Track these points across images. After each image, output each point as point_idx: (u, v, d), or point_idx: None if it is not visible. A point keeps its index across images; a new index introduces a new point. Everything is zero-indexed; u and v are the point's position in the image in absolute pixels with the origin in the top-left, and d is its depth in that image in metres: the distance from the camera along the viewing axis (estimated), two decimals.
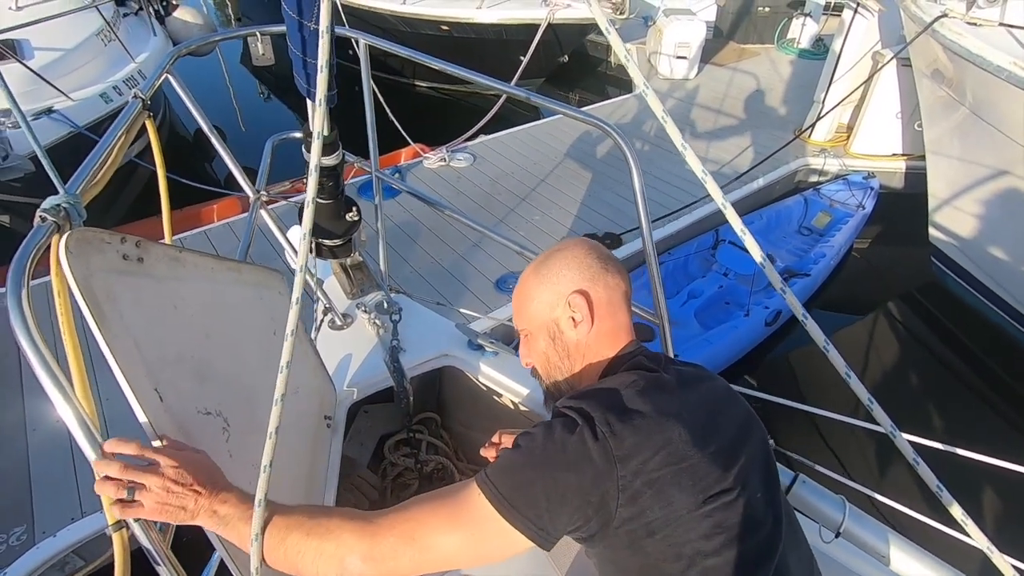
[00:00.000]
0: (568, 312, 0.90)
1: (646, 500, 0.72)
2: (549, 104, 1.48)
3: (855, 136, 5.17)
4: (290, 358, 0.85)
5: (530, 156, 5.44)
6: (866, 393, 0.90)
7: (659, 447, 0.74)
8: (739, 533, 0.75)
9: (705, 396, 0.87)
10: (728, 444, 0.80)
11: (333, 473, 1.40)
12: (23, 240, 0.86)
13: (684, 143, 0.91)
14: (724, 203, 0.93)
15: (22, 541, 2.21)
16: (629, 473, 0.72)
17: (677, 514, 0.72)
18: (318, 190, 1.56)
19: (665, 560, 0.74)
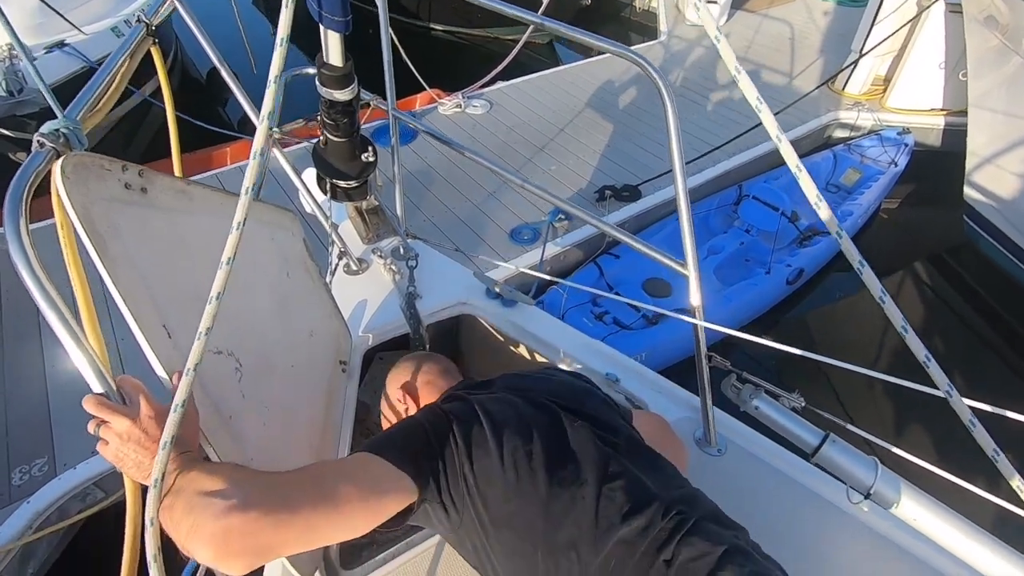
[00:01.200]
0: (403, 405, 1.15)
1: (477, 451, 0.86)
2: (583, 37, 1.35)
3: (892, 89, 4.89)
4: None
5: (548, 104, 5.24)
6: (923, 350, 0.84)
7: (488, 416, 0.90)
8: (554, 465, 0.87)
9: (526, 379, 1.09)
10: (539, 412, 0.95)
11: (348, 417, 1.38)
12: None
13: (738, 67, 0.82)
14: (779, 136, 0.84)
15: (44, 472, 2.26)
16: (461, 435, 0.88)
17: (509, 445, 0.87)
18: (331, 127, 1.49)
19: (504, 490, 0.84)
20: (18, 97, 3.85)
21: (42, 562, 2.19)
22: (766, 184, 4.31)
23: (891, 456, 1.30)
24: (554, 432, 0.91)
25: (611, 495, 0.84)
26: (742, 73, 0.81)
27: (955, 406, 0.84)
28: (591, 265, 3.71)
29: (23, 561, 2.12)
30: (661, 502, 0.84)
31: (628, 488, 0.85)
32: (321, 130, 1.52)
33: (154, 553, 0.72)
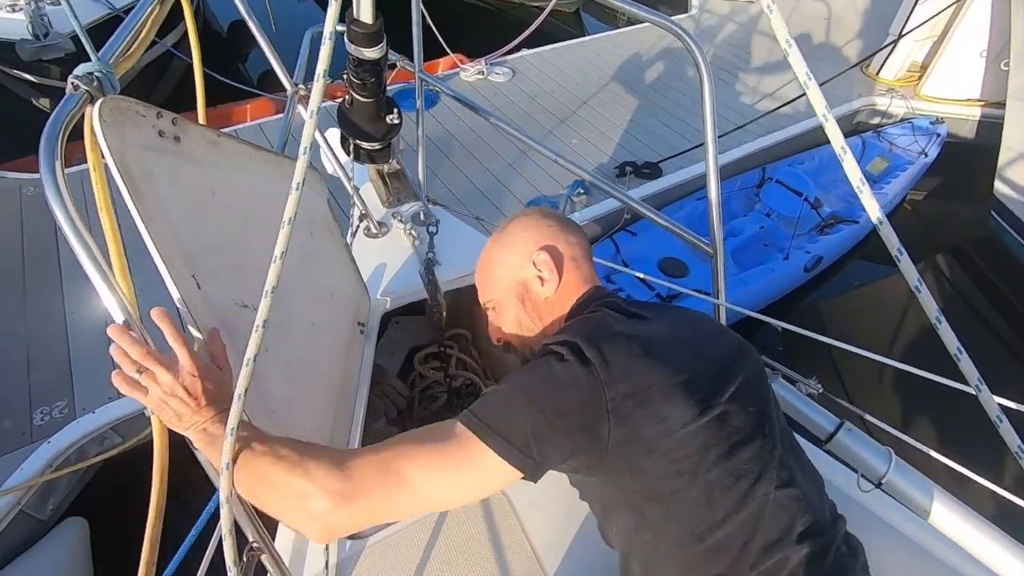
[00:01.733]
0: (534, 271, 0.92)
1: (638, 418, 0.71)
2: (618, 2, 1.31)
3: (929, 76, 4.73)
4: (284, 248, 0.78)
5: (572, 75, 5.13)
6: (955, 342, 0.82)
7: (645, 368, 0.73)
8: (734, 444, 0.73)
9: (689, 321, 0.89)
10: (718, 362, 0.80)
11: (365, 377, 1.39)
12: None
13: (789, 39, 0.79)
14: (826, 114, 0.81)
15: (64, 415, 2.33)
16: (618, 395, 0.71)
17: (672, 429, 0.71)
18: (358, 86, 1.47)
19: (666, 477, 0.72)
20: (44, 41, 3.83)
21: (61, 500, 2.27)
22: (791, 168, 4.23)
23: (907, 448, 1.30)
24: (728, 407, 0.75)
25: (781, 506, 0.74)
26: (793, 46, 0.78)
27: (984, 401, 0.83)
28: (607, 241, 3.69)
29: (43, 498, 2.20)
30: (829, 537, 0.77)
31: (796, 504, 0.76)
32: (348, 89, 1.50)
33: (229, 527, 0.77)
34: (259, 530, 0.87)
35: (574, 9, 7.35)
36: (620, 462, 0.72)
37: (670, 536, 0.74)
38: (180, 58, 4.23)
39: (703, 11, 6.40)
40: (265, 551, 0.89)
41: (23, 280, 2.92)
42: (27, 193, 3.45)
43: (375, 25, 1.33)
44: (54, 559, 2.18)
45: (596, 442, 0.71)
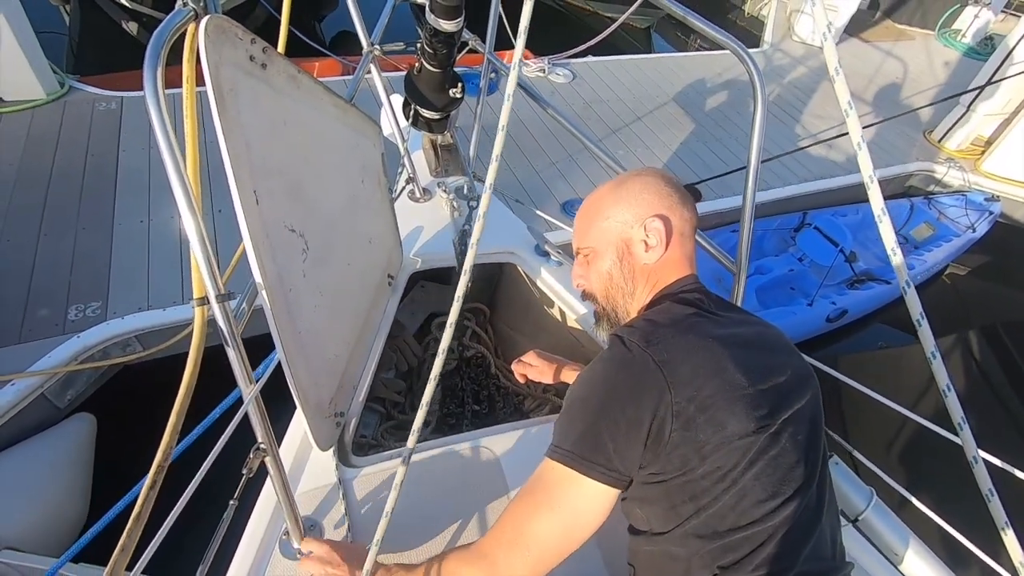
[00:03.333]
0: (642, 235, 0.90)
1: (699, 424, 0.72)
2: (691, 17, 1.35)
3: (991, 152, 4.64)
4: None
5: (631, 89, 5.17)
6: (960, 412, 0.86)
7: (713, 374, 0.74)
8: (779, 464, 0.76)
9: (762, 336, 0.87)
10: (782, 385, 0.80)
11: (385, 327, 1.47)
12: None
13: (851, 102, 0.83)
14: (872, 177, 0.84)
15: (96, 315, 2.47)
16: (683, 399, 0.72)
17: (728, 439, 0.73)
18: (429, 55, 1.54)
19: (710, 481, 0.74)
20: None
21: (79, 393, 2.41)
22: (832, 217, 4.20)
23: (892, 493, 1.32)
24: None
25: (802, 530, 0.77)
26: (852, 110, 0.82)
27: (978, 475, 0.87)
28: None
29: (64, 387, 2.34)
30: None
31: (812, 531, 0.79)
32: (419, 57, 1.58)
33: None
34: (268, 434, 0.94)
35: (646, 26, 7.37)
36: (675, 461, 0.74)
37: (690, 527, 0.76)
38: (264, 7, 4.39)
39: (776, 49, 6.37)
40: (269, 455, 0.96)
41: (81, 187, 3.09)
42: (99, 108, 3.64)
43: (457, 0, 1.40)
44: (62, 446, 2.31)
45: (660, 441, 0.73)
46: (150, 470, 0.85)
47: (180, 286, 2.63)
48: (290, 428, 1.20)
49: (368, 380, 1.36)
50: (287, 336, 0.99)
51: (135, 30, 4.92)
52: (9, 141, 3.31)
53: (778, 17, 6.89)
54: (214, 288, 0.86)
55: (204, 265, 0.84)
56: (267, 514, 1.07)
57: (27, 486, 2.17)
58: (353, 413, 1.28)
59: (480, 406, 1.73)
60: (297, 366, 1.01)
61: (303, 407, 1.02)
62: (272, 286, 0.94)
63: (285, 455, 1.15)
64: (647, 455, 0.74)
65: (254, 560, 1.02)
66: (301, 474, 1.15)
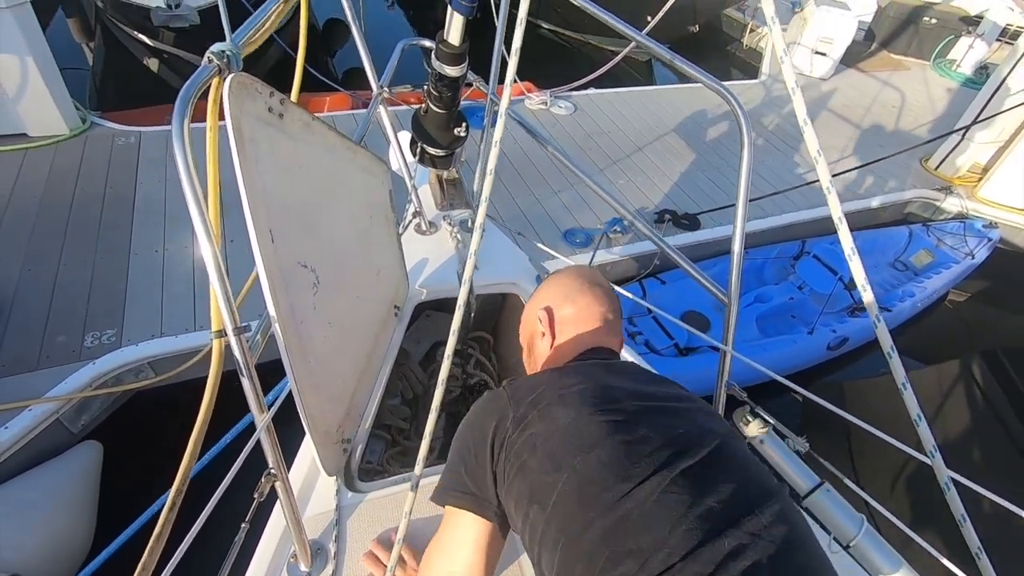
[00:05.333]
0: (539, 327, 1.00)
1: (532, 420, 0.77)
2: (678, 62, 1.43)
3: (988, 179, 4.71)
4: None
5: (631, 120, 5.30)
6: (931, 441, 0.91)
7: (549, 388, 0.81)
8: (625, 447, 0.70)
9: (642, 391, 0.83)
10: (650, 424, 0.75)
11: (391, 355, 1.53)
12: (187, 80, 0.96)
13: (819, 150, 0.90)
14: (841, 217, 0.92)
15: (111, 342, 2.55)
16: (523, 407, 0.79)
17: (558, 425, 0.75)
18: (435, 97, 1.64)
19: (545, 472, 0.71)
20: (174, 11, 4.26)
21: (93, 418, 2.48)
22: (830, 246, 4.26)
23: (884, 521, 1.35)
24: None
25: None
26: (821, 156, 0.89)
27: (949, 500, 0.91)
28: (635, 284, 3.78)
29: (78, 413, 2.40)
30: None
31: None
32: (425, 99, 1.67)
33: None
34: (279, 460, 1.00)
35: (647, 59, 7.57)
36: (512, 464, 0.75)
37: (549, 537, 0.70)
38: (279, 44, 4.58)
39: (774, 80, 6.52)
40: (279, 480, 1.02)
41: (100, 218, 3.20)
42: (118, 143, 3.79)
43: (460, 48, 1.49)
44: (68, 474, 2.36)
45: (503, 449, 0.77)
46: (170, 491, 0.90)
47: (192, 314, 2.71)
48: (299, 454, 1.25)
49: (374, 408, 1.41)
50: (298, 366, 1.05)
51: (156, 66, 5.14)
52: (33, 175, 3.45)
53: (775, 49, 7.05)
54: (231, 322, 0.92)
55: (223, 301, 0.90)
56: (276, 538, 1.12)
57: (33, 514, 2.21)
58: (359, 440, 1.34)
59: None
60: (307, 394, 1.06)
61: (312, 434, 1.08)
62: (285, 319, 1.00)
63: (294, 480, 1.20)
64: (498, 467, 0.78)
65: None
66: (309, 498, 1.20)
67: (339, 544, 1.15)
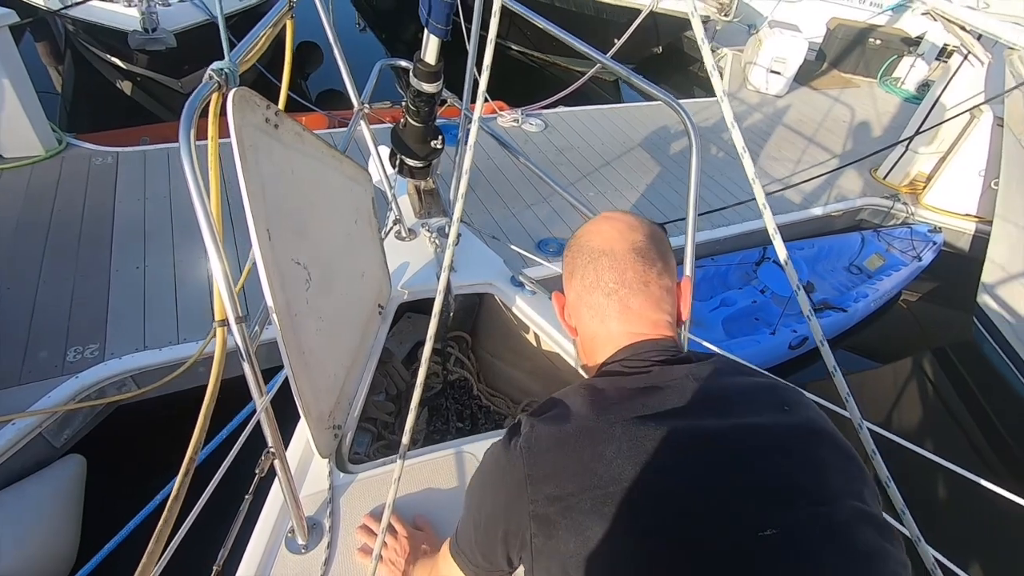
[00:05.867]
0: (573, 317, 0.84)
1: (560, 530, 0.60)
2: (631, 76, 1.59)
3: (931, 187, 5.05)
4: None
5: (600, 136, 5.53)
6: (871, 445, 1.04)
7: (581, 468, 0.61)
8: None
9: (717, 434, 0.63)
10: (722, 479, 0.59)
11: (375, 352, 1.63)
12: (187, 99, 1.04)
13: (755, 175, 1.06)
14: (775, 230, 1.06)
15: (94, 356, 2.58)
16: (542, 497, 0.61)
17: (591, 548, 0.58)
18: (413, 112, 1.77)
19: None
20: (151, 35, 4.33)
21: (76, 432, 2.49)
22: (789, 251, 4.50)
23: None
24: None
25: None
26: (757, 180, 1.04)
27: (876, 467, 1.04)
28: None
29: (61, 427, 2.42)
30: None
31: None
32: (403, 114, 1.80)
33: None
34: (277, 439, 1.09)
35: (614, 79, 7.87)
36: (541, 571, 0.63)
37: None
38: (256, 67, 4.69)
39: (733, 97, 6.85)
40: (278, 457, 1.11)
41: (79, 236, 3.22)
42: (95, 163, 3.82)
43: (436, 66, 1.64)
44: (52, 489, 2.37)
45: (523, 546, 0.64)
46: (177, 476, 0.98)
47: (175, 327, 2.76)
48: (294, 438, 1.34)
49: (362, 398, 1.51)
50: (293, 354, 1.15)
51: (129, 89, 5.18)
52: (9, 195, 3.47)
53: (734, 68, 7.44)
54: (233, 312, 1.02)
55: (226, 293, 1.00)
56: (274, 514, 1.20)
57: (16, 528, 2.21)
58: (349, 427, 1.43)
59: (463, 424, 1.88)
60: (301, 381, 1.17)
61: (306, 417, 1.18)
62: (281, 310, 1.10)
63: (290, 461, 1.29)
64: (514, 554, 0.67)
65: (264, 553, 1.15)
66: (304, 479, 1.29)
67: (333, 519, 1.24)
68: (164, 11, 4.53)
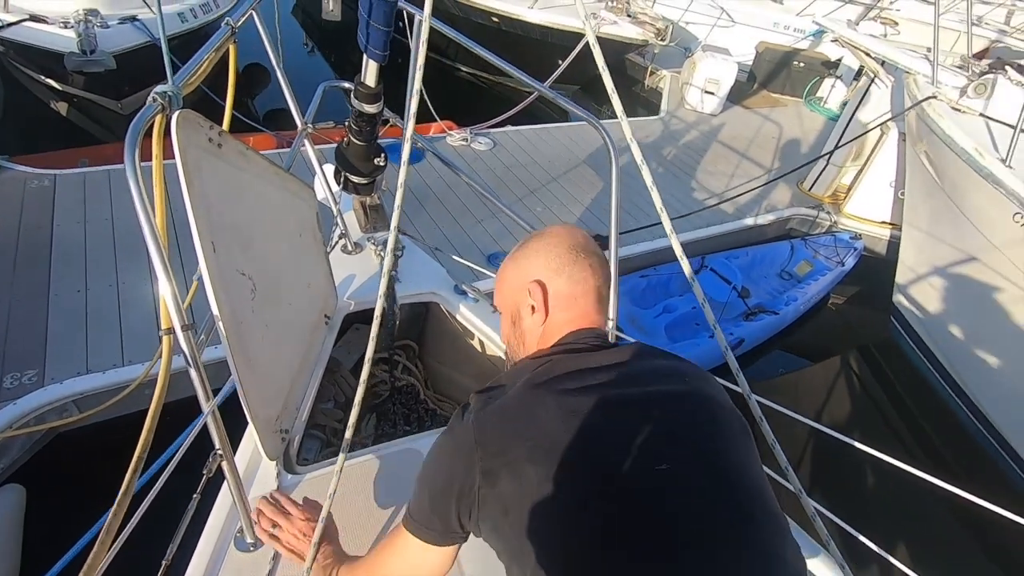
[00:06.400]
0: (528, 300, 0.91)
1: (501, 478, 0.71)
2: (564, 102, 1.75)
3: (851, 198, 5.47)
4: None
5: (547, 153, 5.74)
6: (771, 436, 1.19)
7: (520, 430, 0.74)
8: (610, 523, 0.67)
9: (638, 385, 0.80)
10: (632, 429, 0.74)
11: (322, 362, 1.69)
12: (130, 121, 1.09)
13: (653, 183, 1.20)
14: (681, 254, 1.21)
15: (32, 382, 2.52)
16: (488, 455, 0.73)
17: (528, 489, 0.69)
18: (355, 132, 1.87)
19: (518, 538, 0.69)
20: (89, 56, 4.24)
21: (14, 460, 2.42)
22: (725, 260, 4.79)
23: None
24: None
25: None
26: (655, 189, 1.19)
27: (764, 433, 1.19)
28: None
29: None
30: None
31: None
32: (347, 133, 1.90)
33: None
34: (224, 441, 1.15)
35: None
36: (488, 522, 0.74)
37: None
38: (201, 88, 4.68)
39: (672, 116, 7.23)
40: (225, 459, 1.17)
41: (14, 260, 3.14)
42: (31, 186, 3.72)
43: (376, 88, 1.74)
44: None
45: (471, 502, 0.74)
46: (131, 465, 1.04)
47: (120, 350, 2.72)
48: (242, 442, 1.39)
49: (309, 404, 1.57)
50: (239, 360, 1.21)
51: (65, 111, 5.05)
52: None
53: (672, 88, 7.85)
54: (179, 320, 1.07)
55: (171, 301, 1.05)
56: (224, 514, 1.25)
57: None
58: (296, 431, 1.49)
59: (411, 427, 1.95)
60: (248, 385, 1.23)
61: (253, 420, 1.24)
62: (227, 319, 1.16)
63: (239, 463, 1.34)
64: (464, 514, 0.76)
65: (213, 551, 1.19)
66: (253, 480, 1.34)
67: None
68: (103, 33, 4.44)
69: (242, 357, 1.22)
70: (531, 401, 0.77)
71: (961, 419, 4.12)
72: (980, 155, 3.19)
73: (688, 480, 0.71)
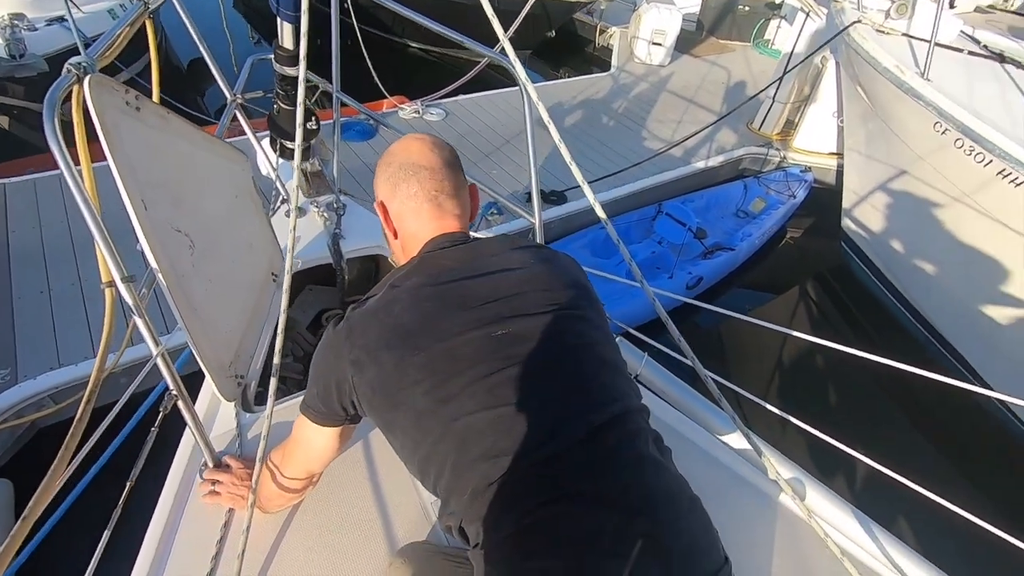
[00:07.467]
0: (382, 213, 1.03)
1: (366, 365, 0.85)
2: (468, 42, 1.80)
3: (798, 132, 5.62)
4: None
5: (499, 118, 5.79)
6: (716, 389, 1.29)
7: (379, 325, 0.87)
8: (447, 374, 0.82)
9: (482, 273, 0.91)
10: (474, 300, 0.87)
11: (274, 316, 1.78)
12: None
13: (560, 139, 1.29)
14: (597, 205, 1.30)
15: (6, 381, 2.57)
16: (355, 348, 0.86)
17: (385, 370, 0.83)
18: (283, 97, 1.93)
19: (387, 410, 0.86)
20: (19, 61, 4.17)
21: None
22: (680, 204, 4.92)
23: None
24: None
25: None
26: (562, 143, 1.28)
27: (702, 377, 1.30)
28: None
29: None
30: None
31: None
32: (275, 100, 1.96)
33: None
34: (177, 382, 1.24)
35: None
36: (363, 404, 0.89)
37: (410, 459, 0.89)
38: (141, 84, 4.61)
39: (621, 71, 7.29)
40: (180, 397, 1.26)
41: None
42: None
43: (294, 51, 1.80)
44: None
45: (349, 390, 0.88)
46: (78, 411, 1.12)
47: (88, 342, 2.78)
48: (203, 388, 1.49)
49: (262, 355, 1.67)
50: (184, 308, 1.28)
51: (6, 123, 4.95)
52: None
53: (622, 44, 7.89)
54: (119, 272, 1.15)
55: (108, 255, 1.12)
56: (187, 452, 1.35)
57: None
58: (252, 377, 1.59)
59: None
60: (196, 332, 1.31)
61: (204, 364, 1.32)
62: (166, 271, 1.24)
63: (199, 407, 1.44)
64: (345, 400, 0.90)
65: (179, 484, 1.30)
66: (214, 421, 1.44)
67: (242, 451, 1.41)
68: (31, 36, 4.36)
69: (186, 307, 1.30)
70: (389, 299, 0.89)
71: (904, 324, 4.33)
72: (901, 72, 3.33)
73: (522, 341, 0.85)
